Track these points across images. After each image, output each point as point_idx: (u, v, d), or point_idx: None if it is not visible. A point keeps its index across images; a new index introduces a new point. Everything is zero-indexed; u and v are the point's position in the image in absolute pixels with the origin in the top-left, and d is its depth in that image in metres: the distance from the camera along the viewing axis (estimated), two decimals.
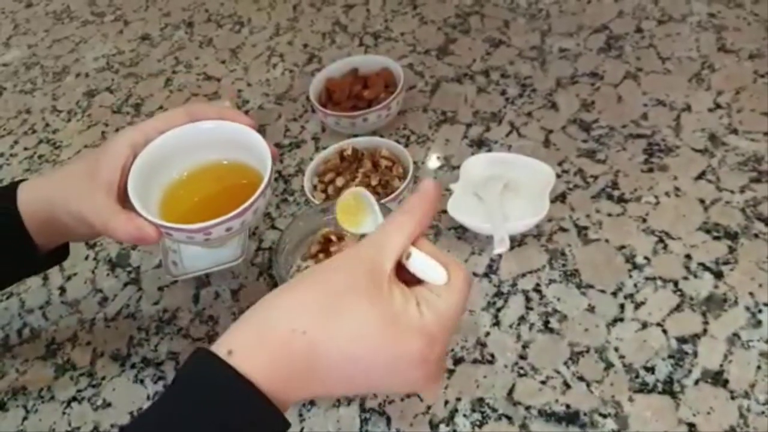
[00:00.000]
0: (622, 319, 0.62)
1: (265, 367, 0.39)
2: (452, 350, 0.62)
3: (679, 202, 0.70)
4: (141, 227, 0.52)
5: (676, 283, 0.63)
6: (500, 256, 0.69)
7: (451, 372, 0.61)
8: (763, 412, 0.54)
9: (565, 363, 0.60)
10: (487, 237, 0.70)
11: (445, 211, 0.71)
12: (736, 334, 0.59)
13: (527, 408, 0.57)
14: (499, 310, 0.65)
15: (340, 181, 0.74)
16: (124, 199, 0.54)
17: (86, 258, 0.80)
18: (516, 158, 0.75)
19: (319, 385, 0.41)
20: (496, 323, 0.64)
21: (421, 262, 0.43)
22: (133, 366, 0.68)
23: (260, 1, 1.17)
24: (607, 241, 0.68)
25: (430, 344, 0.40)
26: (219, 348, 0.39)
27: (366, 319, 0.40)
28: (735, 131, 0.75)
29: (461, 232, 0.72)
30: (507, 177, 0.73)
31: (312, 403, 0.61)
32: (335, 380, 0.41)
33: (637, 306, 0.62)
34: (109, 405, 0.65)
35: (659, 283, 0.64)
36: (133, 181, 0.54)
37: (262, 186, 0.52)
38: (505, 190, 0.73)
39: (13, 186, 0.58)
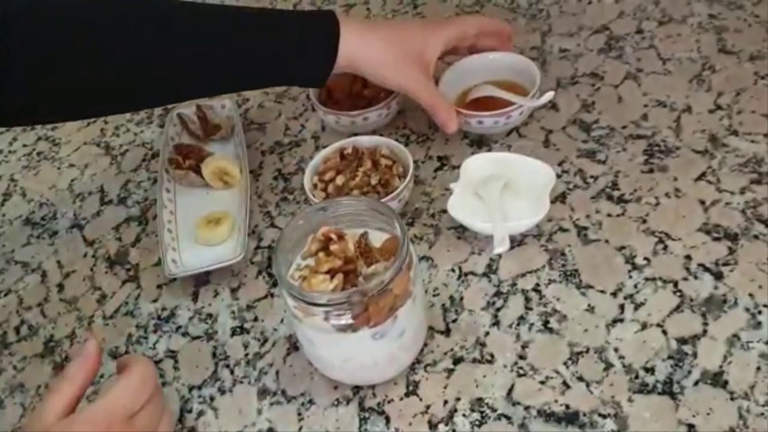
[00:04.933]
0: (621, 320, 0.62)
1: None
2: (451, 350, 0.62)
3: (679, 203, 0.70)
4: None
5: (675, 284, 0.63)
6: (500, 255, 0.69)
7: (450, 371, 0.61)
8: (762, 414, 0.54)
9: (565, 363, 0.60)
10: (486, 237, 0.70)
11: (445, 211, 0.71)
12: (735, 336, 0.59)
13: (526, 408, 0.57)
14: (498, 309, 0.65)
15: (340, 180, 0.74)
16: None
17: (85, 255, 0.80)
18: (516, 158, 0.75)
19: None
20: (496, 323, 0.64)
21: None
22: None
23: (261, 0, 1.17)
24: (606, 241, 0.68)
25: None
26: None
27: None
28: (735, 133, 0.75)
29: (461, 231, 0.72)
30: (507, 177, 0.73)
31: (311, 402, 0.61)
32: None
33: (637, 306, 0.62)
34: None
35: (659, 283, 0.64)
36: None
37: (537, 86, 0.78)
38: (505, 189, 0.73)
39: (335, 21, 0.70)
